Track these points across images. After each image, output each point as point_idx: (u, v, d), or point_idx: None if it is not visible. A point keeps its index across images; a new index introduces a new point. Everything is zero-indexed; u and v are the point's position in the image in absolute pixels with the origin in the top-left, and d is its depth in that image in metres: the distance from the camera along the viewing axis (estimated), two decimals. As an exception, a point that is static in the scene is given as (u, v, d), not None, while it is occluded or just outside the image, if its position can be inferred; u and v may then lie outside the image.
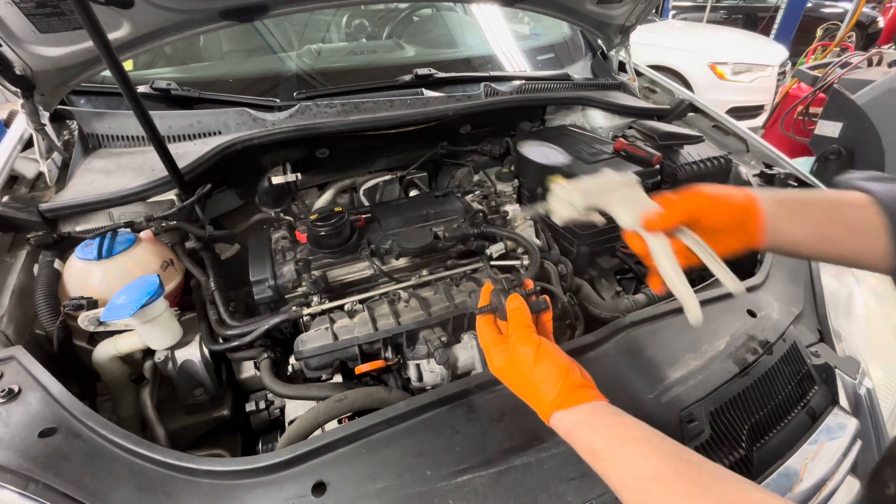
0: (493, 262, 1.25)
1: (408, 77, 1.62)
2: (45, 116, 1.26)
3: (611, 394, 0.64)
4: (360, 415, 0.81)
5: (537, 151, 1.03)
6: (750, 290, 1.08)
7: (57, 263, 1.08)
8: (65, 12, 1.05)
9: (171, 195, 1.26)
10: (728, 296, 1.05)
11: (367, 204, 1.58)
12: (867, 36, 7.31)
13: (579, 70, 1.99)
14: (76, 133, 1.38)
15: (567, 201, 0.75)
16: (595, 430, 0.59)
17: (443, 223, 1.32)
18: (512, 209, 1.47)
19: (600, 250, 1.45)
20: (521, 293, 0.74)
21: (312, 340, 1.00)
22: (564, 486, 0.70)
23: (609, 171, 0.78)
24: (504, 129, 1.75)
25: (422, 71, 1.63)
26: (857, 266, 0.69)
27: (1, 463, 0.69)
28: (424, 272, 1.21)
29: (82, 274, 1.05)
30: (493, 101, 1.57)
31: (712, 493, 0.49)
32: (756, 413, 0.88)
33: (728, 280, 0.69)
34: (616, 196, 0.74)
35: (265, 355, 1.05)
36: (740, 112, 4.72)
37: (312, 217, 1.19)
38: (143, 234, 1.15)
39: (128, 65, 1.53)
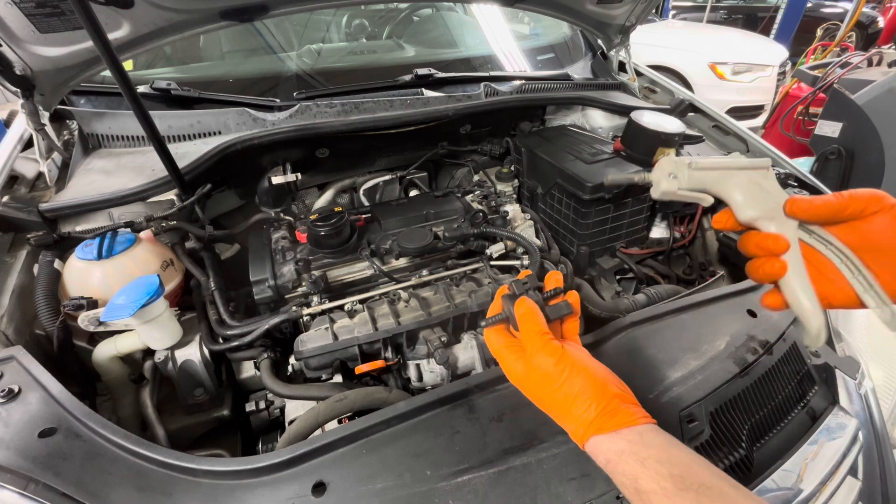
0: (493, 262, 1.25)
1: (408, 77, 1.62)
2: (45, 116, 1.26)
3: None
4: (360, 415, 0.81)
5: (650, 119, 0.99)
6: (750, 290, 1.08)
7: (57, 263, 1.08)
8: (65, 12, 1.05)
9: (171, 195, 1.25)
10: (728, 296, 1.05)
11: (367, 204, 1.58)
12: (867, 36, 7.31)
13: (579, 70, 1.99)
14: (76, 133, 1.38)
15: (674, 175, 0.62)
16: (644, 464, 0.48)
17: (443, 223, 1.32)
18: (512, 209, 1.47)
19: (600, 250, 1.45)
20: (535, 297, 0.65)
21: (312, 340, 1.00)
22: (564, 486, 0.70)
23: (737, 155, 0.68)
24: (504, 129, 1.75)
25: (422, 71, 1.63)
26: None
27: (1, 463, 0.69)
28: (424, 272, 1.21)
29: (82, 274, 1.05)
30: (493, 101, 1.57)
31: None
32: (756, 413, 0.88)
33: (884, 313, 0.56)
34: (738, 180, 0.61)
35: (265, 355, 1.05)
36: (740, 112, 4.73)
37: (312, 217, 1.19)
38: (143, 234, 1.15)
39: (128, 65, 1.53)
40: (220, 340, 1.05)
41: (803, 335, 0.60)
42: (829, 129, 3.13)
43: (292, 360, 1.04)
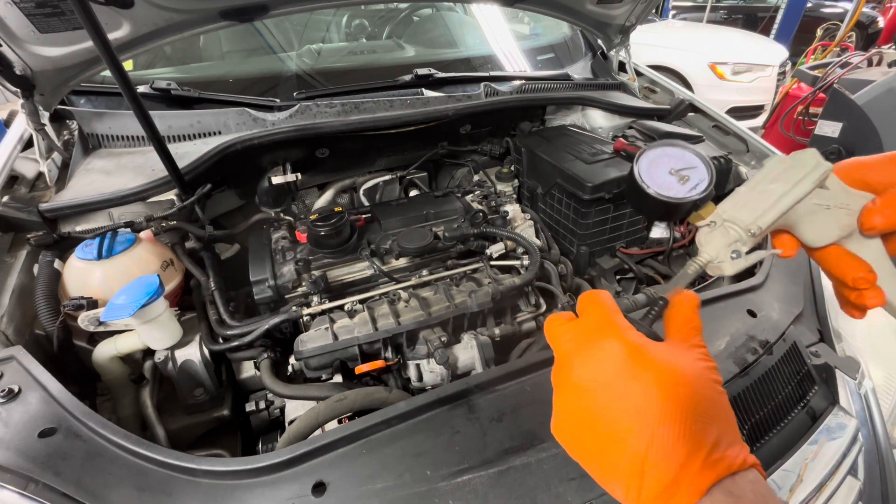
0: (493, 262, 1.25)
1: (408, 77, 1.62)
2: (45, 116, 1.26)
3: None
4: (360, 415, 0.81)
5: (660, 174, 0.55)
6: (750, 290, 1.08)
7: (57, 263, 1.08)
8: (65, 12, 1.05)
9: (171, 195, 1.25)
10: (728, 296, 1.05)
11: (367, 204, 1.58)
12: (867, 36, 7.31)
13: (579, 70, 1.99)
14: (76, 133, 1.38)
15: (737, 254, 0.49)
16: None
17: (443, 223, 1.32)
18: (512, 209, 1.47)
19: (600, 250, 1.45)
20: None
21: (312, 340, 1.00)
22: (564, 486, 0.70)
23: (778, 164, 0.50)
24: (504, 129, 1.75)
25: (422, 71, 1.63)
26: None
27: (1, 463, 0.69)
28: (424, 272, 1.21)
29: (82, 274, 1.05)
30: (493, 101, 1.57)
31: None
32: (756, 413, 0.88)
33: None
34: (801, 211, 0.49)
35: (265, 355, 1.05)
36: (740, 112, 4.72)
37: (312, 217, 1.19)
38: (143, 234, 1.15)
39: (128, 65, 1.53)
40: (220, 340, 1.05)
41: None
42: (829, 128, 3.13)
43: (292, 360, 1.04)
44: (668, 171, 0.55)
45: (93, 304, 0.99)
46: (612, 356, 0.40)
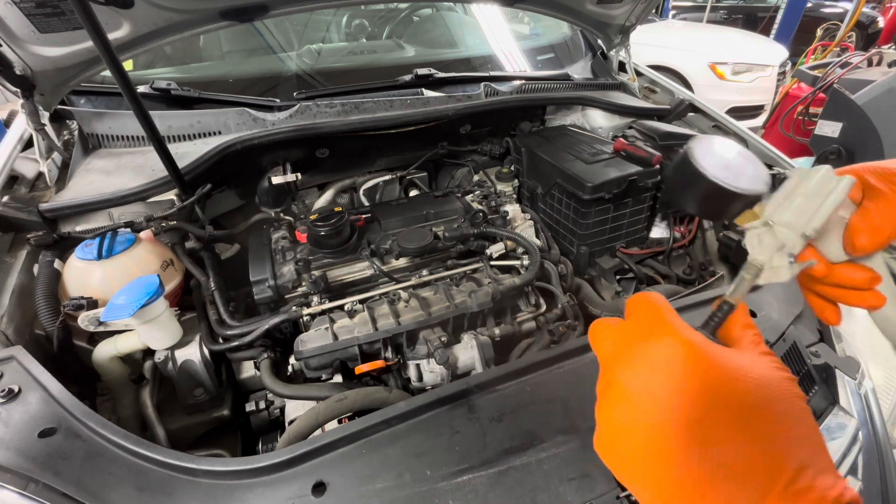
0: (493, 262, 1.25)
1: (408, 77, 1.62)
2: (45, 116, 1.26)
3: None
4: (360, 415, 0.81)
5: (716, 160, 0.47)
6: (750, 290, 1.07)
7: (57, 263, 1.08)
8: (65, 12, 1.05)
9: (171, 195, 1.26)
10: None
11: (367, 204, 1.58)
12: (867, 36, 7.31)
13: (579, 70, 1.99)
14: (76, 133, 1.38)
15: (785, 248, 0.46)
16: None
17: (443, 223, 1.32)
18: (512, 209, 1.47)
19: (600, 250, 1.45)
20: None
21: (312, 340, 1.00)
22: (564, 486, 0.70)
23: (807, 176, 0.47)
24: (504, 129, 1.76)
25: (422, 71, 1.63)
26: None
27: (1, 463, 0.69)
28: (424, 272, 1.21)
29: (82, 274, 1.05)
30: (493, 101, 1.57)
31: None
32: (756, 413, 0.88)
33: None
34: (835, 217, 0.47)
35: (265, 355, 1.05)
36: (740, 112, 4.72)
37: (312, 217, 1.19)
38: (143, 234, 1.15)
39: (128, 65, 1.53)
40: (220, 340, 1.05)
41: None
42: (829, 129, 3.13)
43: (292, 360, 1.04)
44: (722, 164, 0.48)
45: (93, 304, 0.99)
46: (666, 357, 0.33)
